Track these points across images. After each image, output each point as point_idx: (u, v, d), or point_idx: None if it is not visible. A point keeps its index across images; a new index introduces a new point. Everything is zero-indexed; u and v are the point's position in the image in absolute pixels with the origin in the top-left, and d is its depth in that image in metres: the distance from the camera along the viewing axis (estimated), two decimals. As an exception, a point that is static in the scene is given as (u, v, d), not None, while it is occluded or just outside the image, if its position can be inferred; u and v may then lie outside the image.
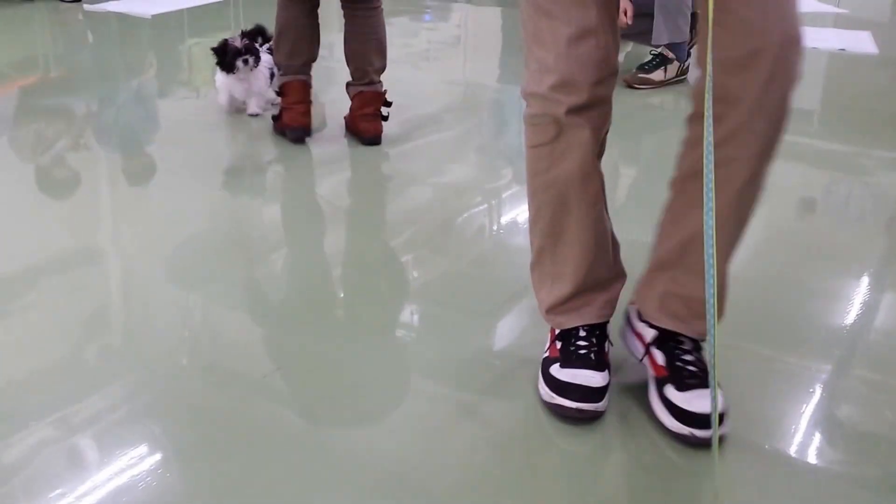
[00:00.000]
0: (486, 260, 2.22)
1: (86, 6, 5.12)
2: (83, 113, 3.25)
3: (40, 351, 1.75)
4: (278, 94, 2.90)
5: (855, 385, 1.71)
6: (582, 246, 1.55)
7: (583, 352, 1.58)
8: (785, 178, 2.34)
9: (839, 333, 1.88)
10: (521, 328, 1.89)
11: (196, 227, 2.34)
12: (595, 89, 1.44)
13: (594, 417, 1.53)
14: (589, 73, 1.42)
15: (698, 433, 1.46)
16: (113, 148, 2.91)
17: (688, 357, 1.55)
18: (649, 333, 1.59)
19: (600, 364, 1.57)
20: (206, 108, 3.25)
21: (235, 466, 1.43)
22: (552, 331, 1.66)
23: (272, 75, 3.10)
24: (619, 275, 1.66)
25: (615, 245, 1.64)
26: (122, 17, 4.89)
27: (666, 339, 1.57)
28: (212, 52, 3.04)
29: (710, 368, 1.29)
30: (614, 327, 1.67)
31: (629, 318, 1.66)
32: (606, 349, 1.63)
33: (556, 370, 1.57)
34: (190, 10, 5.13)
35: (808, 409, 1.62)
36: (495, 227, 2.41)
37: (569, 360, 1.57)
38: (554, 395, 1.54)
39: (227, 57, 3.02)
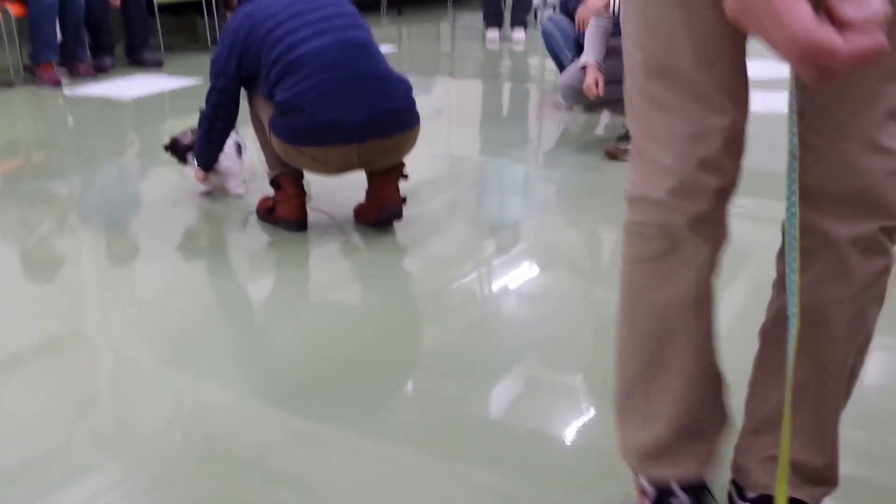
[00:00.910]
0: (480, 326, 2.20)
1: (66, 91, 5.14)
2: (66, 196, 3.23)
3: (27, 438, 1.70)
4: (272, 185, 2.88)
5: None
6: (686, 383, 1.29)
7: None
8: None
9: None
10: (516, 395, 1.86)
11: (182, 305, 2.31)
12: (720, 197, 1.20)
13: None
14: (714, 177, 1.18)
15: None
16: (97, 229, 2.89)
17: None
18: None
19: None
20: (189, 188, 3.24)
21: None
22: (640, 490, 1.40)
23: (239, 148, 3.11)
24: (723, 421, 1.38)
25: (721, 383, 1.36)
26: (103, 101, 4.91)
27: None
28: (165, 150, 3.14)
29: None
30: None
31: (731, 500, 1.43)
32: None
33: None
34: (171, 92, 5.17)
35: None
36: (486, 294, 2.39)
37: None
38: None
39: (178, 153, 3.11)
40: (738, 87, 1.16)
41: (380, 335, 2.18)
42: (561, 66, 4.36)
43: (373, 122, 2.58)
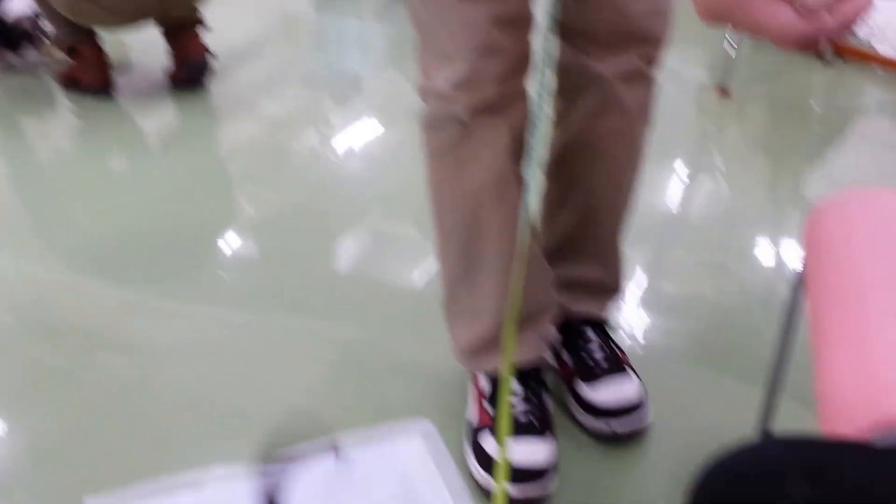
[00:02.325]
0: (325, 189, 2.24)
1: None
2: None
3: None
4: (69, 55, 2.70)
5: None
6: (503, 272, 1.28)
7: (522, 415, 1.31)
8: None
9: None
10: (364, 252, 1.94)
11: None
12: (509, 83, 1.20)
13: (541, 500, 1.28)
14: (501, 64, 1.17)
15: (617, 426, 1.38)
16: None
17: (594, 349, 1.44)
18: (552, 333, 1.45)
19: (544, 427, 1.31)
20: None
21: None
22: (475, 385, 1.40)
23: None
24: (549, 306, 1.40)
25: (544, 270, 1.39)
26: None
27: (570, 336, 1.46)
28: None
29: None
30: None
31: None
32: (547, 405, 1.36)
33: (488, 443, 1.31)
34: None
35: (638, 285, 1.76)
36: (329, 156, 2.42)
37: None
38: (490, 477, 1.28)
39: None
40: None
41: (215, 198, 2.19)
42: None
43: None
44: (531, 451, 1.26)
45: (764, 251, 1.95)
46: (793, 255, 1.91)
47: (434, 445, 1.33)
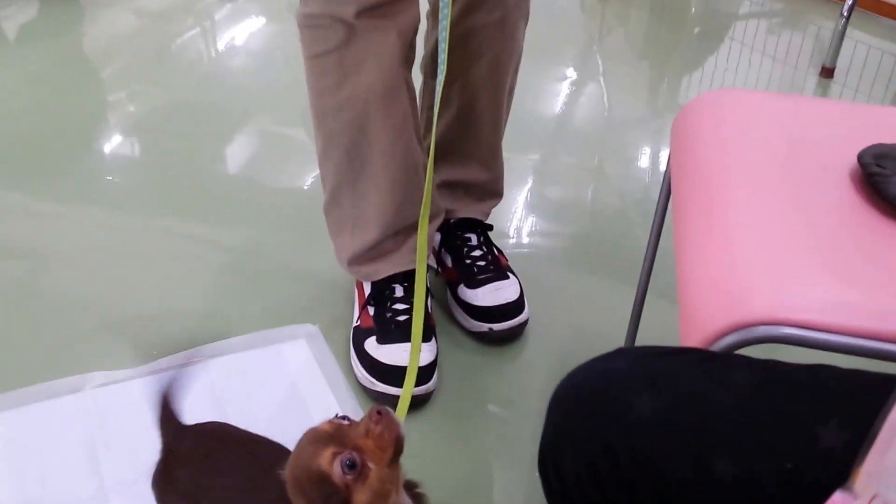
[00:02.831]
0: (210, 87, 2.19)
1: None
2: None
3: None
4: None
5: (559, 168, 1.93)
6: (389, 181, 1.26)
7: (402, 318, 1.32)
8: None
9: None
10: (251, 153, 1.92)
11: None
12: None
13: (424, 400, 1.30)
14: None
15: (496, 327, 1.41)
16: None
17: (476, 253, 1.46)
18: (435, 239, 1.47)
19: (426, 332, 1.30)
20: None
21: None
22: (360, 290, 1.40)
23: None
24: (437, 213, 1.40)
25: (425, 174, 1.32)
26: None
27: (452, 240, 1.47)
28: None
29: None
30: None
31: None
32: (429, 308, 1.37)
33: (372, 347, 1.31)
34: None
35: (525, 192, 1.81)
36: (213, 53, 2.36)
37: (387, 332, 1.31)
38: (375, 381, 1.29)
39: None
40: None
41: (95, 95, 2.12)
42: None
43: None
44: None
45: (642, 155, 2.02)
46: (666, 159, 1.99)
47: (319, 348, 1.36)
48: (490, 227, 1.52)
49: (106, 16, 2.50)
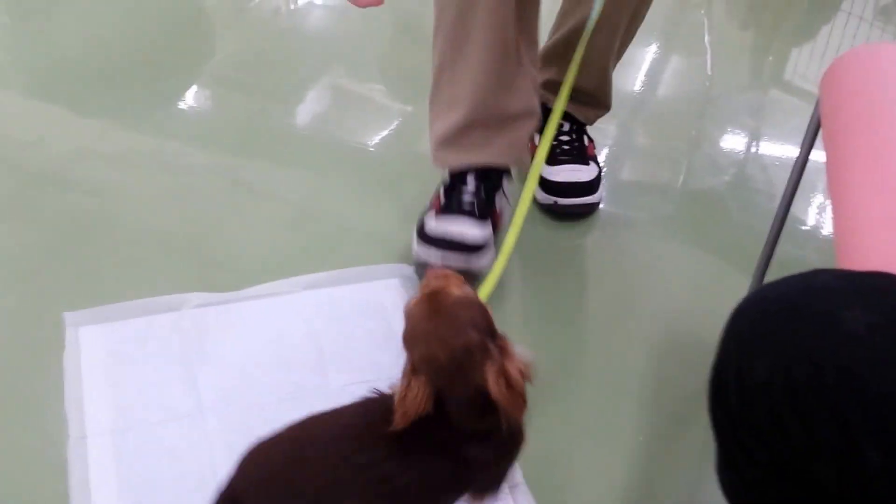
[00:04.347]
0: (287, 41, 2.16)
1: None
2: None
3: None
4: None
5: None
6: (484, 59, 1.26)
7: (467, 200, 1.32)
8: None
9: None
10: (322, 107, 1.88)
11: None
12: None
13: (463, 272, 1.32)
14: None
15: (561, 201, 1.48)
16: None
17: (564, 137, 1.50)
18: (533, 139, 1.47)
19: (484, 215, 1.32)
20: None
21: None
22: (443, 182, 1.40)
23: None
24: (529, 113, 1.37)
25: (528, 75, 1.34)
26: None
27: (544, 123, 1.41)
28: None
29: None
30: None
31: None
32: (498, 207, 1.37)
33: (430, 221, 1.33)
34: None
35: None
36: (292, 6, 2.32)
37: (448, 209, 1.32)
38: (420, 250, 1.32)
39: None
40: None
41: (178, 36, 2.10)
42: None
43: None
44: (466, 230, 1.28)
45: (743, 128, 1.95)
46: (770, 135, 1.92)
47: (412, 288, 1.33)
48: (584, 124, 1.54)
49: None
